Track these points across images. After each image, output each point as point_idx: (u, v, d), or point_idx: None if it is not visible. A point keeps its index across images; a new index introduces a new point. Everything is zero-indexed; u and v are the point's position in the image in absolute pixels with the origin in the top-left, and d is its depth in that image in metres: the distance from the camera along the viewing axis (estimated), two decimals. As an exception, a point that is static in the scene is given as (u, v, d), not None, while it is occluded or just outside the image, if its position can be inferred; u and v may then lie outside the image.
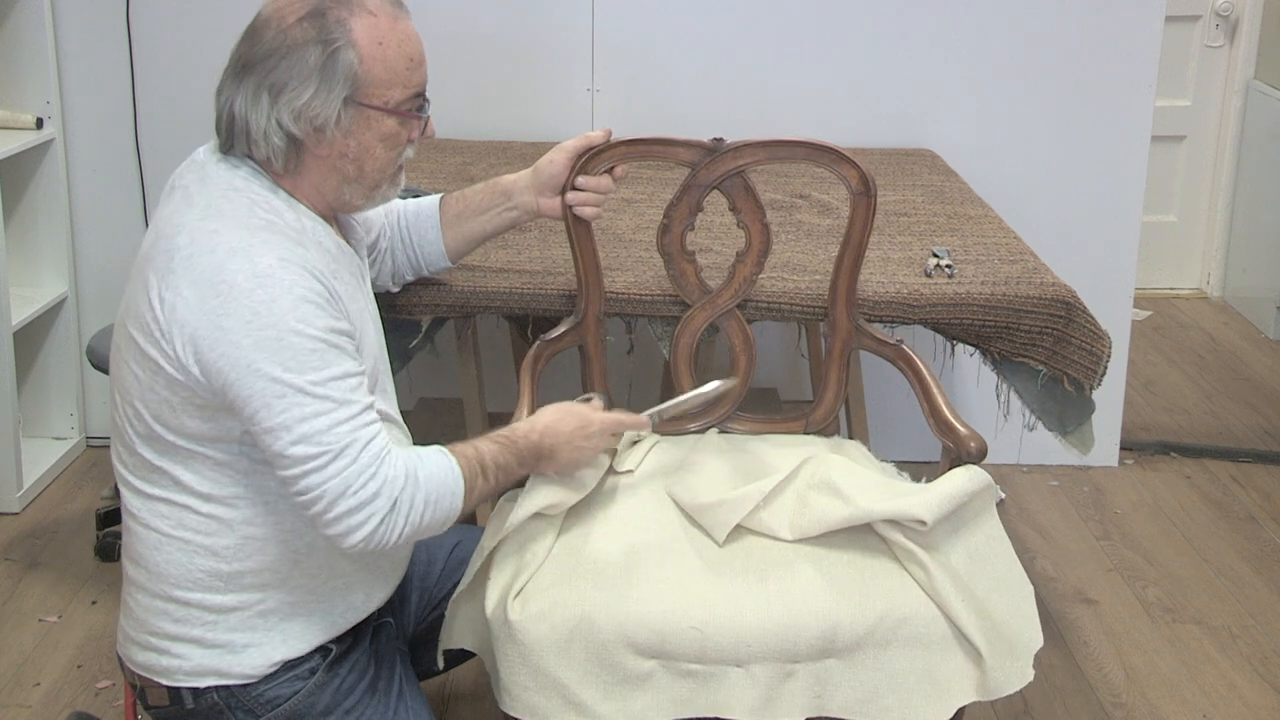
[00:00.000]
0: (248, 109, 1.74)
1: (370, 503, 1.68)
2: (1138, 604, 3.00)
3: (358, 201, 1.85)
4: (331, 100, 1.73)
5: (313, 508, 1.69)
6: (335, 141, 1.76)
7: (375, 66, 1.75)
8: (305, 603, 1.84)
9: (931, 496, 1.88)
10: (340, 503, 1.67)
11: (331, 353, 1.68)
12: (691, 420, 2.27)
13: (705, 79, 3.41)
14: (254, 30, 1.76)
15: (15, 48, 3.32)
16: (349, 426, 1.68)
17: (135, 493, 1.80)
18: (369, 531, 1.69)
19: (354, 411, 1.69)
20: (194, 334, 1.66)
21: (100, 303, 3.53)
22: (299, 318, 1.66)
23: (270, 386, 1.64)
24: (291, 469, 1.67)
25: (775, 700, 1.83)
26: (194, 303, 1.66)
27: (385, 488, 1.69)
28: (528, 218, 2.21)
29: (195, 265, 1.67)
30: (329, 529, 1.70)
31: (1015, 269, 2.45)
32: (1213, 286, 5.09)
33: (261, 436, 1.67)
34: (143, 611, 1.83)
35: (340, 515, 1.68)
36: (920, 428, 2.27)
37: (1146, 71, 3.42)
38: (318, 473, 1.67)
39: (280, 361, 1.65)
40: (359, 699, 1.87)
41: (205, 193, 1.74)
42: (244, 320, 1.64)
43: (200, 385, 1.68)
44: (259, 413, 1.66)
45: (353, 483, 1.67)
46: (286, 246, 1.70)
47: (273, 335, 1.64)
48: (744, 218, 2.20)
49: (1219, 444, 3.80)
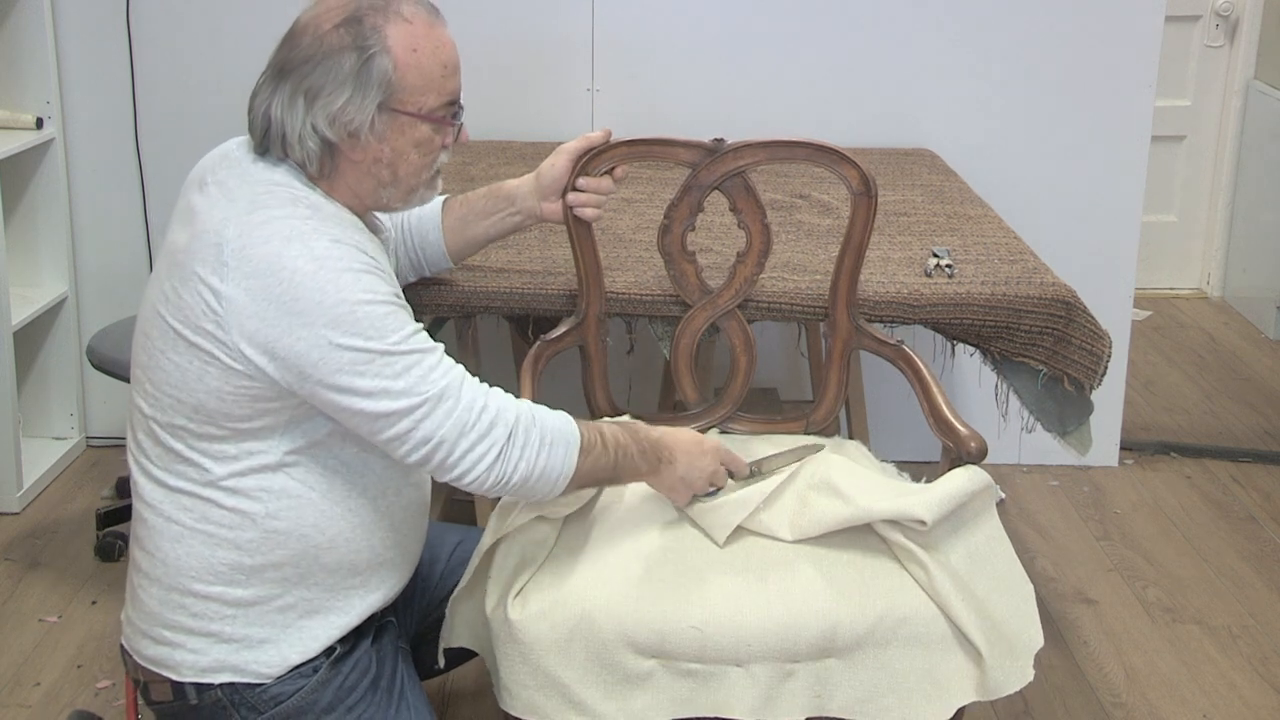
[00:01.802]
0: (284, 113, 1.76)
1: (489, 433, 1.75)
2: (1138, 604, 3.00)
3: (396, 204, 1.88)
4: (366, 106, 1.75)
5: (434, 457, 1.74)
6: (369, 146, 1.78)
7: (409, 73, 1.77)
8: (323, 599, 1.85)
9: (931, 496, 1.88)
10: (461, 441, 1.74)
11: (402, 312, 1.75)
12: (693, 420, 2.27)
13: (705, 79, 3.41)
14: (292, 36, 1.78)
15: (15, 48, 3.32)
16: (442, 369, 1.74)
17: (157, 484, 1.81)
18: (490, 462, 1.75)
19: (439, 357, 1.75)
20: (262, 324, 1.68)
21: (100, 303, 3.53)
22: (365, 288, 1.70)
23: (358, 357, 1.69)
24: (400, 423, 1.72)
25: (775, 700, 1.83)
26: (258, 293, 1.68)
27: (500, 417, 1.76)
28: (530, 222, 2.22)
29: (251, 257, 1.69)
30: (453, 470, 1.75)
31: (1015, 269, 2.45)
32: (1213, 286, 5.10)
33: (360, 405, 1.70)
34: (155, 604, 1.83)
35: (464, 453, 1.74)
36: (920, 428, 2.27)
37: (1146, 71, 3.42)
38: (429, 419, 1.72)
39: (360, 332, 1.69)
40: (361, 697, 1.88)
41: (247, 188, 1.75)
42: (315, 302, 1.67)
43: (261, 374, 1.70)
44: (353, 383, 1.69)
45: (466, 419, 1.74)
46: (336, 230, 1.74)
47: (346, 310, 1.68)
48: (744, 218, 2.20)
49: (1219, 444, 3.80)
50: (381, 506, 1.86)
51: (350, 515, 1.83)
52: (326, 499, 1.81)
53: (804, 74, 3.41)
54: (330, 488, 1.81)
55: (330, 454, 1.81)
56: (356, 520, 1.84)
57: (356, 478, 1.83)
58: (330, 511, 1.82)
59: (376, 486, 1.86)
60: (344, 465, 1.82)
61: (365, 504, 1.85)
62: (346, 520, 1.83)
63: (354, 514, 1.83)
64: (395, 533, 1.90)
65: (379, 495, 1.86)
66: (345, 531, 1.83)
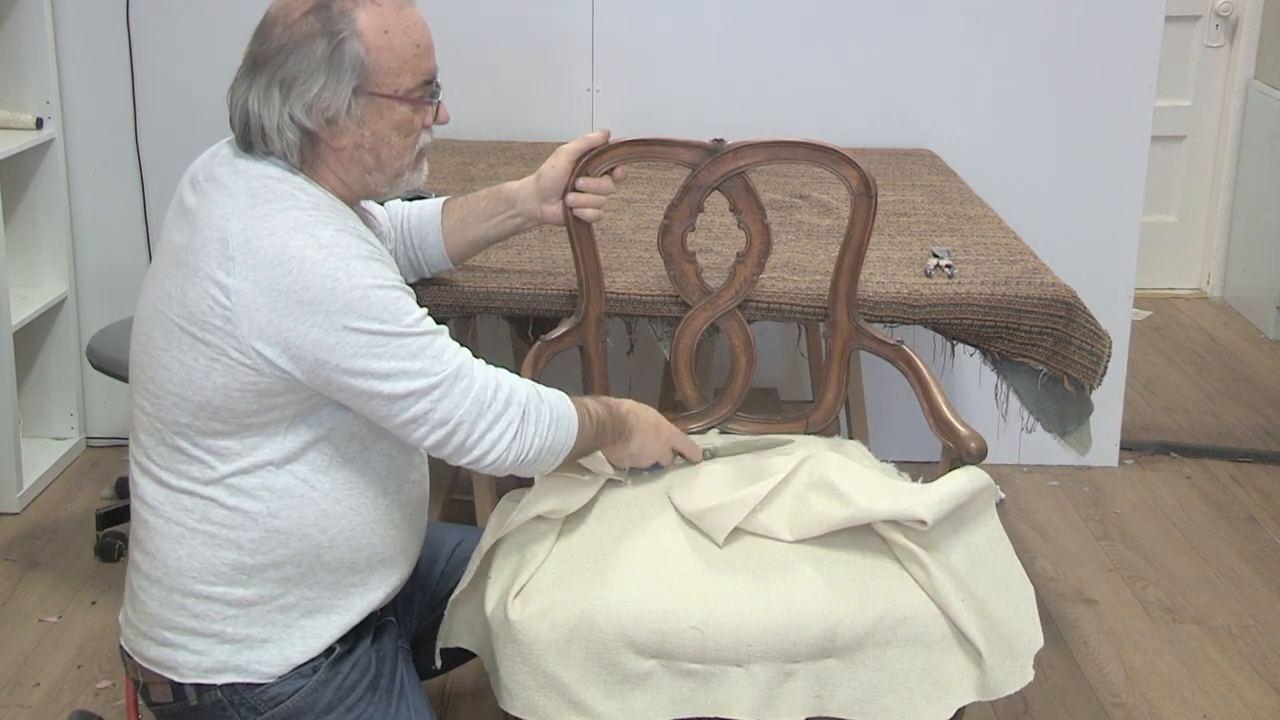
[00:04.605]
0: (260, 106, 1.76)
1: (505, 411, 1.78)
2: (1138, 604, 3.00)
3: (384, 189, 1.88)
4: (341, 91, 1.75)
5: (453, 439, 1.76)
6: (349, 132, 1.78)
7: (382, 55, 1.77)
8: (324, 598, 1.85)
9: (932, 496, 1.88)
10: (480, 421, 1.76)
11: (409, 298, 1.76)
12: (693, 421, 2.27)
13: (705, 79, 3.41)
14: (262, 28, 1.78)
15: (15, 48, 3.32)
16: (453, 349, 1.77)
17: (159, 484, 1.81)
18: (509, 440, 1.78)
19: (448, 339, 1.78)
20: (272, 315, 1.68)
21: (100, 303, 3.53)
22: (374, 274, 1.72)
23: (373, 339, 1.70)
24: (418, 404, 1.73)
25: (775, 700, 1.83)
26: (267, 285, 1.68)
27: (514, 395, 1.80)
28: (531, 225, 2.23)
29: (257, 249, 1.69)
30: (473, 451, 1.78)
31: (1015, 269, 2.45)
32: (1213, 286, 5.10)
33: (377, 387, 1.72)
34: (156, 605, 1.83)
35: (483, 433, 1.77)
36: (920, 428, 2.27)
37: (1146, 71, 3.42)
38: (446, 399, 1.74)
39: (374, 315, 1.70)
40: (360, 697, 1.88)
41: (243, 182, 1.75)
42: (326, 289, 1.68)
43: (271, 367, 1.70)
44: (369, 366, 1.71)
45: (483, 398, 1.77)
46: (338, 220, 1.75)
47: (359, 295, 1.69)
48: (744, 218, 2.20)
49: (1219, 444, 3.80)
50: (382, 504, 1.87)
51: (351, 514, 1.83)
52: (328, 497, 1.81)
53: (804, 74, 3.41)
54: (332, 486, 1.81)
55: (333, 450, 1.81)
56: (358, 519, 1.84)
57: (358, 475, 1.84)
58: (331, 510, 1.82)
59: (377, 484, 1.86)
60: (346, 462, 1.82)
61: (366, 502, 1.85)
62: (348, 519, 1.83)
63: (355, 512, 1.83)
64: (395, 530, 1.90)
65: (380, 493, 1.86)
66: (346, 530, 1.84)
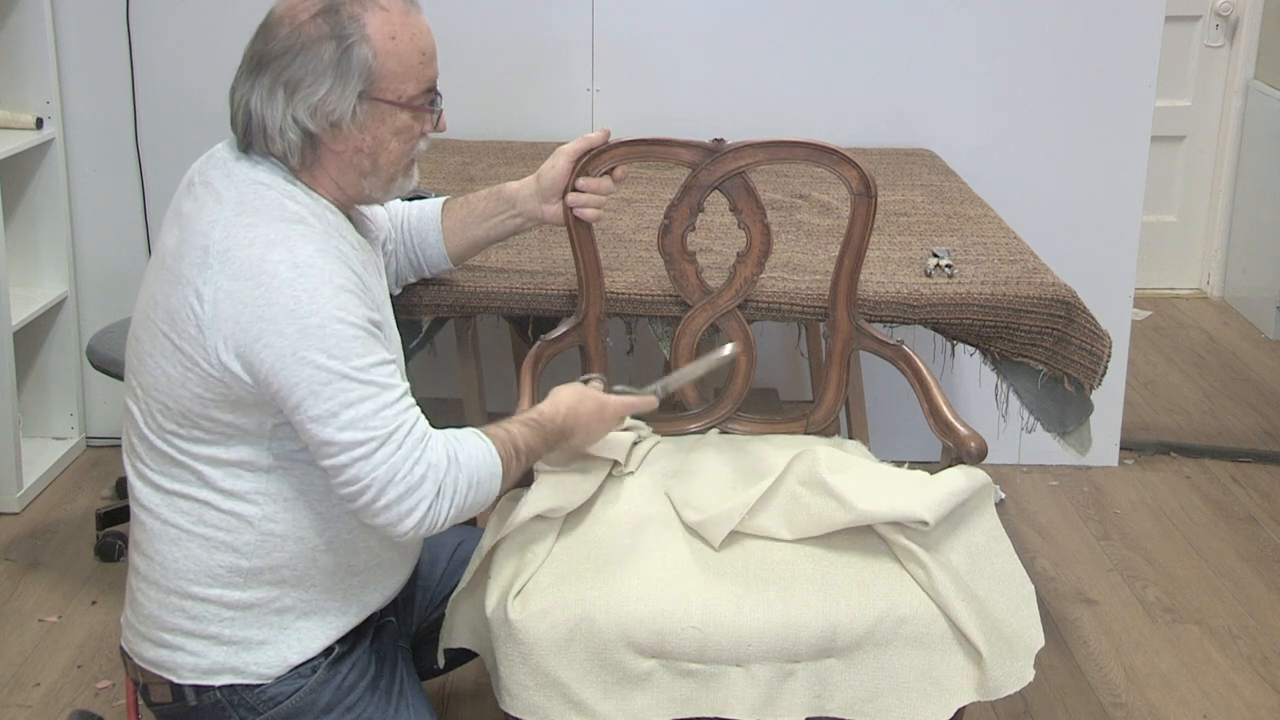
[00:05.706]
0: (263, 106, 1.75)
1: (418, 488, 1.71)
2: (1138, 604, 3.00)
3: (376, 194, 1.86)
4: (347, 95, 1.74)
5: (361, 498, 1.71)
6: (351, 136, 1.78)
7: (389, 61, 1.76)
8: (321, 601, 1.85)
9: (932, 497, 1.88)
10: (389, 490, 1.70)
11: (371, 340, 1.72)
12: (693, 421, 2.27)
13: (705, 79, 3.41)
14: (267, 27, 1.77)
15: (15, 48, 3.32)
16: (394, 410, 1.71)
17: (153, 488, 1.81)
18: (419, 518, 1.72)
19: (396, 396, 1.72)
20: (236, 328, 1.67)
21: (100, 303, 3.53)
22: (340, 305, 1.68)
23: (316, 374, 1.67)
24: (339, 456, 1.69)
25: (775, 700, 1.83)
26: (236, 296, 1.67)
27: (431, 472, 1.73)
28: (531, 225, 2.22)
29: (234, 260, 1.68)
30: (378, 518, 1.72)
31: (1015, 269, 2.45)
32: (1212, 286, 5.10)
33: (307, 425, 1.69)
34: (154, 607, 1.83)
35: (390, 503, 1.71)
36: (920, 428, 2.27)
37: (1146, 71, 3.42)
38: (365, 460, 1.69)
39: (325, 349, 1.67)
40: (360, 697, 1.88)
41: (234, 189, 1.75)
42: (287, 310, 1.66)
43: (236, 380, 1.69)
44: (305, 400, 1.67)
45: (399, 468, 1.70)
46: (321, 238, 1.73)
47: (316, 323, 1.67)
48: (744, 218, 2.20)
49: (1219, 444, 3.80)
50: None
51: (347, 517, 1.83)
52: (324, 501, 1.81)
53: (804, 74, 3.41)
54: (327, 489, 1.80)
55: None
56: (354, 521, 1.83)
57: None
58: (327, 513, 1.82)
59: None
60: None
61: None
62: (344, 522, 1.83)
63: (351, 515, 1.82)
64: None
65: None
66: (342, 533, 1.83)
